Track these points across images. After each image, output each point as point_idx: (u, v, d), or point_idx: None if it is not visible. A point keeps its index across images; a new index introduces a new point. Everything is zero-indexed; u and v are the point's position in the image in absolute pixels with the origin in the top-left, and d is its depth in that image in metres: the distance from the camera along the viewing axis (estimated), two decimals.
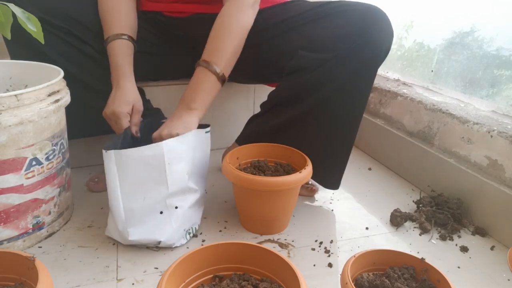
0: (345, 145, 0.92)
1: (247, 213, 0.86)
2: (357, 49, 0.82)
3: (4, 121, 0.66)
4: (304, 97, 0.88)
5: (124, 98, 0.83)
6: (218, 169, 1.12)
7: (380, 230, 0.90)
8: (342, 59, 0.83)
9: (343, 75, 0.84)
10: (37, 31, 0.48)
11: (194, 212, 0.83)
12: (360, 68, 0.84)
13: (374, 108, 1.32)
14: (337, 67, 0.83)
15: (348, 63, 0.83)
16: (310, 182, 1.03)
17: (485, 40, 1.03)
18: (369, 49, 0.82)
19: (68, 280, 0.71)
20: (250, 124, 1.03)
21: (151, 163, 0.73)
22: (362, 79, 0.86)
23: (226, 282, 0.58)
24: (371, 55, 0.83)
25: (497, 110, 0.98)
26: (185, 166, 0.77)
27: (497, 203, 0.86)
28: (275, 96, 0.95)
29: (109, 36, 0.87)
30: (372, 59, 0.84)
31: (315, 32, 0.87)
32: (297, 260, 0.78)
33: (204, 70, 0.81)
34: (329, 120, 0.89)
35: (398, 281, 0.59)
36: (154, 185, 0.75)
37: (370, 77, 0.87)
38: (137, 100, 0.85)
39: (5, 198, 0.72)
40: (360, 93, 0.87)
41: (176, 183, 0.76)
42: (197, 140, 0.80)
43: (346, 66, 0.83)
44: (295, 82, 0.89)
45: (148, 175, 0.74)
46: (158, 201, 0.76)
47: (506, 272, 0.77)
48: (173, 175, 0.75)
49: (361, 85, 0.86)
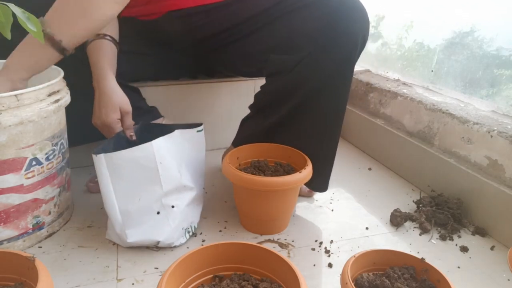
0: (329, 144, 0.90)
1: (247, 213, 0.86)
2: (331, 44, 0.79)
3: (4, 121, 0.66)
4: (286, 98, 0.87)
5: (110, 103, 0.80)
6: (218, 169, 1.12)
7: (380, 230, 0.90)
8: (317, 57, 0.80)
9: (320, 72, 0.81)
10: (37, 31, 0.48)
11: (192, 210, 0.83)
12: (337, 63, 0.81)
13: (374, 108, 1.31)
14: (313, 64, 0.81)
15: (323, 59, 0.80)
16: None
17: (485, 40, 1.03)
18: (344, 43, 0.79)
19: (68, 280, 0.71)
20: (242, 127, 1.03)
21: (143, 164, 0.73)
22: (340, 75, 0.83)
23: (226, 282, 0.58)
24: (346, 49, 0.80)
25: (497, 110, 0.98)
26: (176, 163, 0.78)
27: (497, 203, 0.86)
28: (260, 97, 0.95)
29: None
30: (348, 53, 0.80)
31: (284, 30, 0.83)
32: (297, 260, 0.78)
33: None
34: (313, 119, 0.87)
35: (398, 281, 0.59)
36: (148, 186, 0.75)
37: (348, 72, 0.84)
38: (123, 101, 0.82)
39: (5, 198, 0.72)
40: (339, 89, 0.84)
41: (170, 182, 0.76)
42: (186, 138, 0.80)
43: (322, 63, 0.80)
44: (275, 84, 0.88)
45: (141, 176, 0.74)
46: (154, 201, 0.76)
47: (506, 272, 0.77)
48: (166, 174, 0.75)
49: (340, 81, 0.83)
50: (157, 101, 1.09)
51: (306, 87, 0.84)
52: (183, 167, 0.80)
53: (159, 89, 1.13)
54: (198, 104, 1.20)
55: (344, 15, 0.78)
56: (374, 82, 1.32)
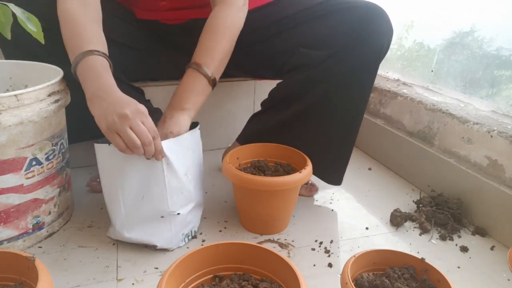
0: (347, 140, 0.93)
1: (247, 213, 0.86)
2: (357, 46, 0.82)
3: (4, 121, 0.66)
4: (305, 94, 0.88)
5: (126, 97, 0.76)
6: (218, 169, 1.12)
7: (380, 230, 0.90)
8: (343, 56, 0.83)
9: (344, 72, 0.84)
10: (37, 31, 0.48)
11: (194, 216, 0.82)
12: (361, 65, 0.84)
13: (374, 108, 1.32)
14: (338, 63, 0.84)
15: (348, 59, 0.83)
16: (310, 182, 1.03)
17: (485, 40, 1.03)
18: (369, 46, 0.83)
19: (68, 280, 0.71)
20: (251, 123, 1.03)
21: (148, 163, 0.72)
22: (363, 76, 0.86)
23: (226, 282, 0.58)
24: (371, 52, 0.83)
25: (497, 110, 0.98)
26: (184, 168, 0.76)
27: (497, 203, 0.86)
28: (276, 93, 0.95)
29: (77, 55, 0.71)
30: (372, 56, 0.84)
31: (315, 30, 0.87)
32: (297, 260, 0.78)
33: (195, 73, 0.79)
34: (331, 116, 0.89)
35: (398, 281, 0.59)
36: (152, 186, 0.73)
37: (371, 74, 0.87)
38: None
39: (5, 198, 0.72)
40: (361, 89, 0.88)
41: (175, 186, 0.74)
42: (192, 141, 0.79)
43: (347, 63, 0.83)
44: (296, 79, 0.89)
45: (146, 175, 0.72)
46: (158, 204, 0.74)
47: (506, 272, 0.77)
48: (171, 177, 0.73)
49: (362, 81, 0.87)
50: (157, 101, 1.09)
51: (326, 85, 0.86)
52: (190, 171, 0.78)
53: (159, 89, 1.13)
54: None
55: (370, 20, 0.83)
56: (374, 82, 1.32)
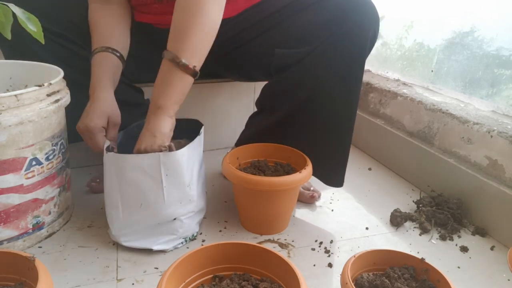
0: (342, 139, 0.90)
1: (247, 213, 0.86)
2: (339, 39, 0.78)
3: (4, 121, 0.66)
4: (293, 93, 0.86)
5: (99, 110, 0.78)
6: (218, 169, 1.12)
7: (380, 230, 0.90)
8: (322, 52, 0.79)
9: (325, 68, 0.80)
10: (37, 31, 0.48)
11: (193, 221, 0.81)
12: (347, 58, 0.79)
13: (374, 108, 1.31)
14: (318, 60, 0.80)
15: (329, 55, 0.79)
16: (312, 189, 1.01)
17: (485, 40, 1.03)
18: (350, 38, 0.78)
19: (68, 280, 0.71)
20: (248, 127, 1.03)
21: (148, 172, 0.71)
22: (351, 69, 0.81)
23: (226, 282, 0.58)
24: (353, 44, 0.78)
25: (497, 110, 0.98)
26: (188, 176, 0.75)
27: (497, 203, 0.86)
28: (267, 94, 0.94)
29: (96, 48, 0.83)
30: (355, 49, 0.79)
31: (293, 26, 0.83)
32: (297, 260, 0.78)
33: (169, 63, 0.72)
34: (323, 114, 0.86)
35: (398, 281, 0.59)
36: (151, 195, 0.73)
37: (357, 68, 0.82)
38: (114, 112, 0.81)
39: (5, 198, 0.72)
40: (347, 86, 0.83)
41: (175, 196, 0.74)
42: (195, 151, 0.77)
43: (327, 59, 0.80)
44: (281, 79, 0.87)
45: (146, 184, 0.72)
46: (156, 212, 0.74)
47: (506, 272, 0.77)
48: (170, 187, 0.72)
49: (350, 76, 0.82)
50: None
51: (313, 82, 0.83)
52: (194, 180, 0.77)
53: None
54: (198, 104, 1.20)
55: (352, 10, 0.77)
56: (374, 82, 1.32)
